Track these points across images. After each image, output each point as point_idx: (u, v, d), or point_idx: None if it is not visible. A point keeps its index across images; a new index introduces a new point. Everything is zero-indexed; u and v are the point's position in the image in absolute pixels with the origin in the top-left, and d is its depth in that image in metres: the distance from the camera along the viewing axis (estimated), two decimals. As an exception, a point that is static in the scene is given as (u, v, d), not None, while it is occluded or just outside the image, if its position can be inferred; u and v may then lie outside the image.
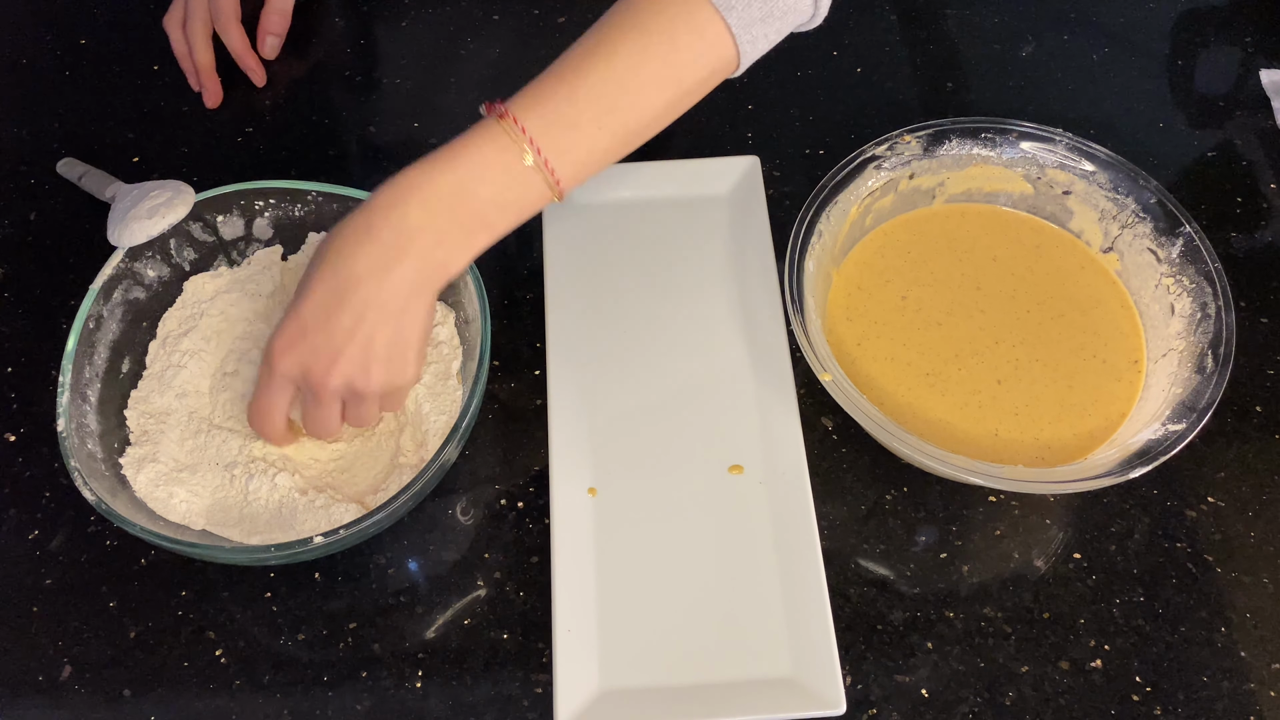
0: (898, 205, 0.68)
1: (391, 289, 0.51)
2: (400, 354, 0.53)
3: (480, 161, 0.52)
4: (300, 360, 0.53)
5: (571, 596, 0.58)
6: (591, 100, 0.53)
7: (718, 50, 0.55)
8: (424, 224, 0.51)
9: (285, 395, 0.55)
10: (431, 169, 0.52)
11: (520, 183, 0.52)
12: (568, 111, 0.52)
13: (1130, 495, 0.62)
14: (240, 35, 0.79)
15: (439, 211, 0.52)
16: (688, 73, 0.54)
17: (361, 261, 0.51)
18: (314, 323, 0.52)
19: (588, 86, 0.53)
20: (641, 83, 0.53)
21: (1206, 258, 0.62)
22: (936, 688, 0.56)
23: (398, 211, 0.51)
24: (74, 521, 0.62)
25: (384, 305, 0.51)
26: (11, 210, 0.75)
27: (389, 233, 0.51)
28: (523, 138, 0.52)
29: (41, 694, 0.57)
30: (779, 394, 0.64)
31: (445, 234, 0.52)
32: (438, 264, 0.52)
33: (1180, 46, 0.82)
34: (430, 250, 0.52)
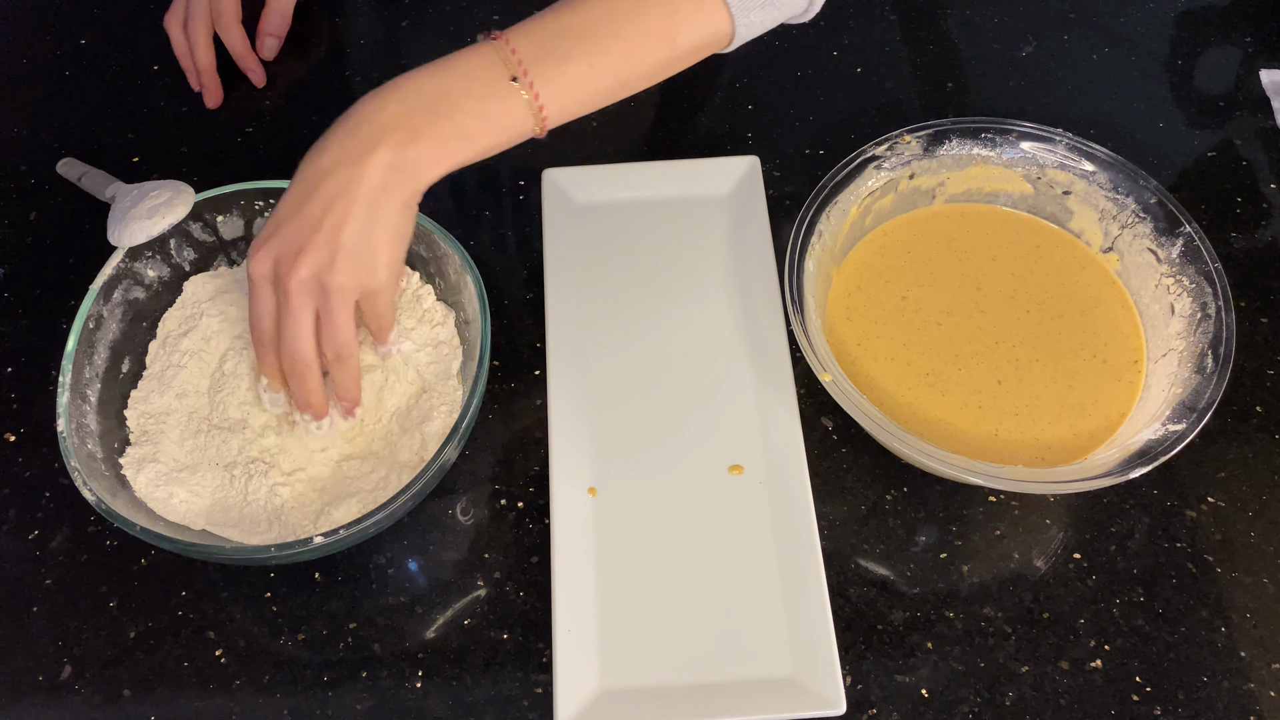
0: (898, 205, 0.68)
1: (361, 180, 0.51)
2: (370, 249, 0.52)
3: (466, 73, 0.53)
4: (270, 254, 0.52)
5: (571, 596, 0.58)
6: (584, 37, 0.54)
7: (714, 22, 0.57)
8: (400, 120, 0.51)
9: (270, 299, 0.54)
10: (418, 74, 0.53)
11: (503, 99, 0.53)
12: (560, 44, 0.54)
13: (1130, 495, 0.62)
14: (241, 36, 0.79)
15: (417, 111, 0.52)
16: (682, 36, 0.56)
17: (335, 151, 0.51)
18: (286, 215, 0.52)
19: (582, 24, 0.54)
20: (636, 34, 0.55)
21: (1206, 258, 0.62)
22: (936, 688, 0.56)
23: (374, 104, 0.52)
24: (74, 521, 0.62)
25: (353, 196, 0.51)
26: (11, 210, 0.75)
27: (365, 125, 0.51)
28: (512, 58, 0.53)
29: (41, 694, 0.57)
30: (779, 394, 0.64)
31: (420, 132, 0.51)
32: (410, 162, 0.52)
33: (1180, 46, 0.82)
34: (403, 146, 0.51)
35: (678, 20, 0.55)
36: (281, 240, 0.52)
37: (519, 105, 0.53)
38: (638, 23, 0.55)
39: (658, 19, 0.55)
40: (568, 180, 0.73)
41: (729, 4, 0.56)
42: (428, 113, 0.52)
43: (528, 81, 0.53)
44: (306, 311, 0.53)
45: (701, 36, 0.57)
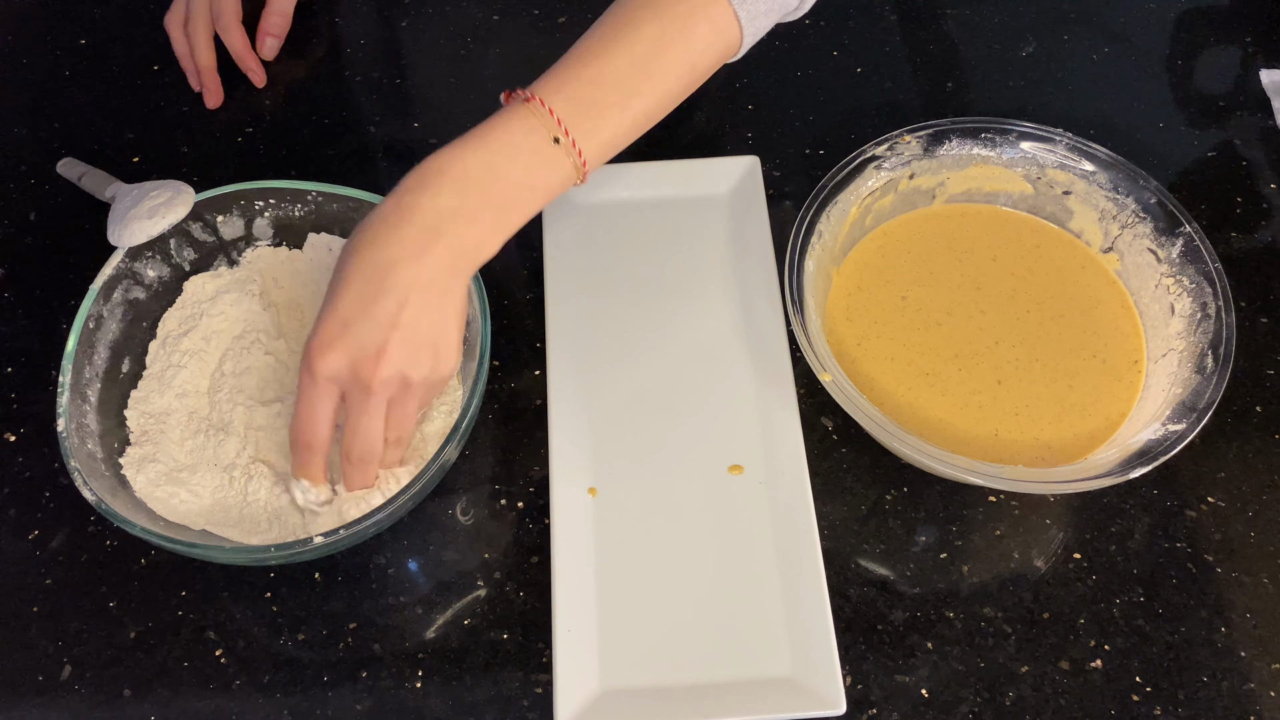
0: (898, 205, 0.68)
1: (430, 271, 0.50)
2: (445, 338, 0.52)
3: (509, 142, 0.53)
4: (345, 355, 0.51)
5: (571, 596, 0.58)
6: (616, 84, 0.54)
7: (726, 38, 0.57)
8: (456, 205, 0.51)
9: (331, 400, 0.52)
10: (461, 150, 0.52)
11: (549, 163, 0.53)
12: (594, 94, 0.54)
13: (1130, 495, 0.62)
14: (241, 36, 0.79)
15: (470, 192, 0.51)
16: (701, 59, 0.57)
17: (395, 246, 0.50)
18: (354, 314, 0.50)
19: (613, 71, 0.54)
20: (662, 70, 0.55)
21: (1206, 258, 0.62)
22: (936, 688, 0.56)
23: (428, 194, 0.51)
24: (74, 521, 0.62)
25: (425, 288, 0.50)
26: (11, 210, 0.75)
27: (421, 215, 0.51)
28: (551, 119, 0.53)
29: (41, 694, 0.57)
30: (779, 394, 0.64)
31: (478, 214, 0.52)
32: (472, 245, 0.52)
33: (1180, 46, 0.82)
34: (463, 231, 0.51)
35: (697, 45, 0.56)
36: (356, 341, 0.50)
37: (564, 163, 0.54)
38: (661, 57, 0.55)
39: (680, 49, 0.56)
40: (568, 180, 0.73)
41: (739, 16, 0.57)
42: (480, 192, 0.52)
43: (569, 141, 0.53)
44: (384, 406, 0.52)
45: (717, 53, 0.58)
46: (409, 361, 0.51)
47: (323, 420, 0.53)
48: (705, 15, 0.56)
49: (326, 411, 0.53)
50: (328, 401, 0.53)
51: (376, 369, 0.51)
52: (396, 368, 0.51)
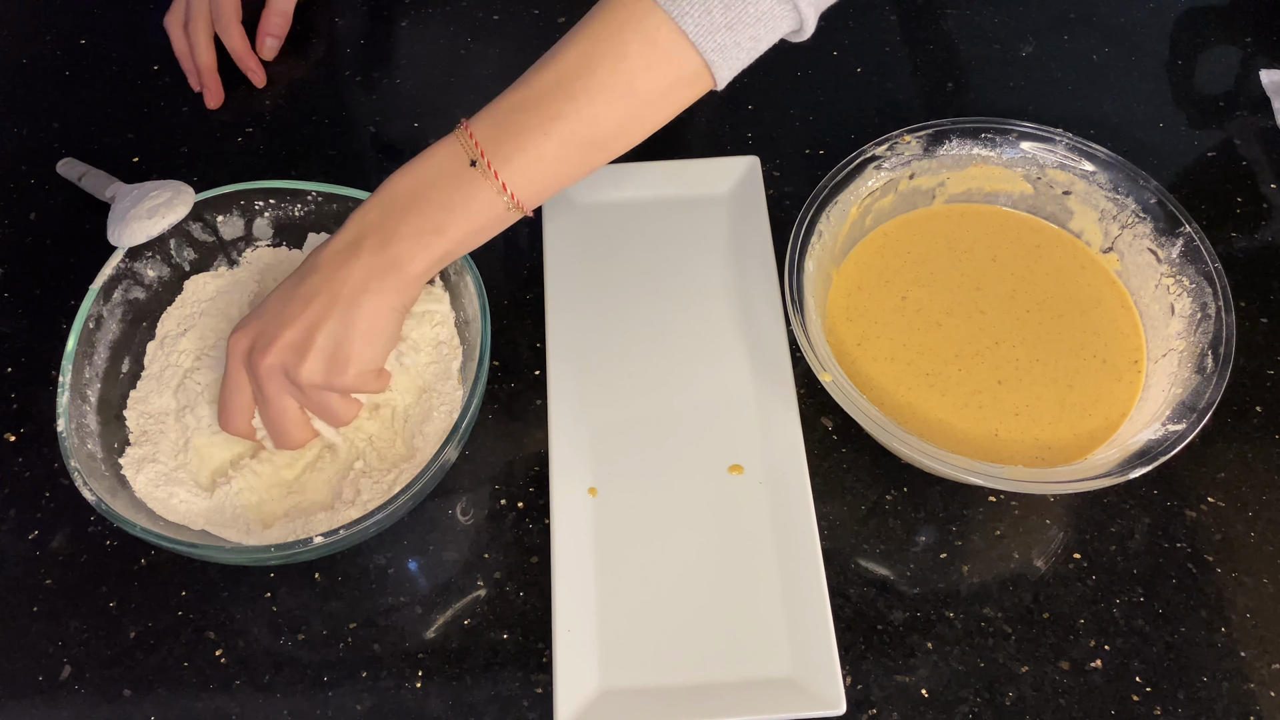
0: (898, 205, 0.68)
1: (341, 280, 0.53)
2: (341, 349, 0.53)
3: (431, 165, 0.54)
4: (245, 339, 0.55)
5: (571, 596, 0.58)
6: (537, 107, 0.52)
7: (676, 59, 0.52)
8: (378, 222, 0.53)
9: (243, 382, 0.56)
10: (399, 173, 0.54)
11: (468, 187, 0.53)
12: (514, 118, 0.52)
13: (1130, 495, 0.62)
14: (241, 36, 0.79)
15: (392, 212, 0.53)
16: (641, 81, 0.52)
17: (324, 255, 0.54)
18: (271, 306, 0.54)
19: (535, 95, 0.52)
20: (589, 90, 0.52)
21: (1206, 258, 0.62)
22: (936, 688, 0.56)
23: (360, 212, 0.54)
24: (74, 521, 0.62)
25: (333, 294, 0.53)
26: (11, 210, 0.75)
27: (350, 230, 0.54)
28: (469, 141, 0.53)
29: (41, 694, 0.57)
30: (779, 394, 0.64)
31: (395, 232, 0.53)
32: (388, 262, 0.53)
33: (1180, 46, 0.82)
34: (380, 247, 0.53)
35: (630, 66, 0.51)
36: (261, 327, 0.54)
37: (485, 190, 0.53)
38: (586, 78, 0.52)
39: (608, 70, 0.52)
40: (568, 180, 0.73)
41: (686, 32, 0.51)
42: (400, 212, 0.53)
43: (485, 163, 0.52)
44: (281, 395, 0.55)
45: (664, 77, 0.52)
46: (293, 360, 0.53)
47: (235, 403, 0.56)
48: (639, 34, 0.51)
49: (239, 396, 0.56)
50: (239, 380, 0.56)
51: (261, 358, 0.54)
52: (279, 360, 0.54)
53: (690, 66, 0.52)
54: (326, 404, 0.56)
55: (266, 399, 0.55)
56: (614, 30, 0.51)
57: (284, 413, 0.56)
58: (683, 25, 0.50)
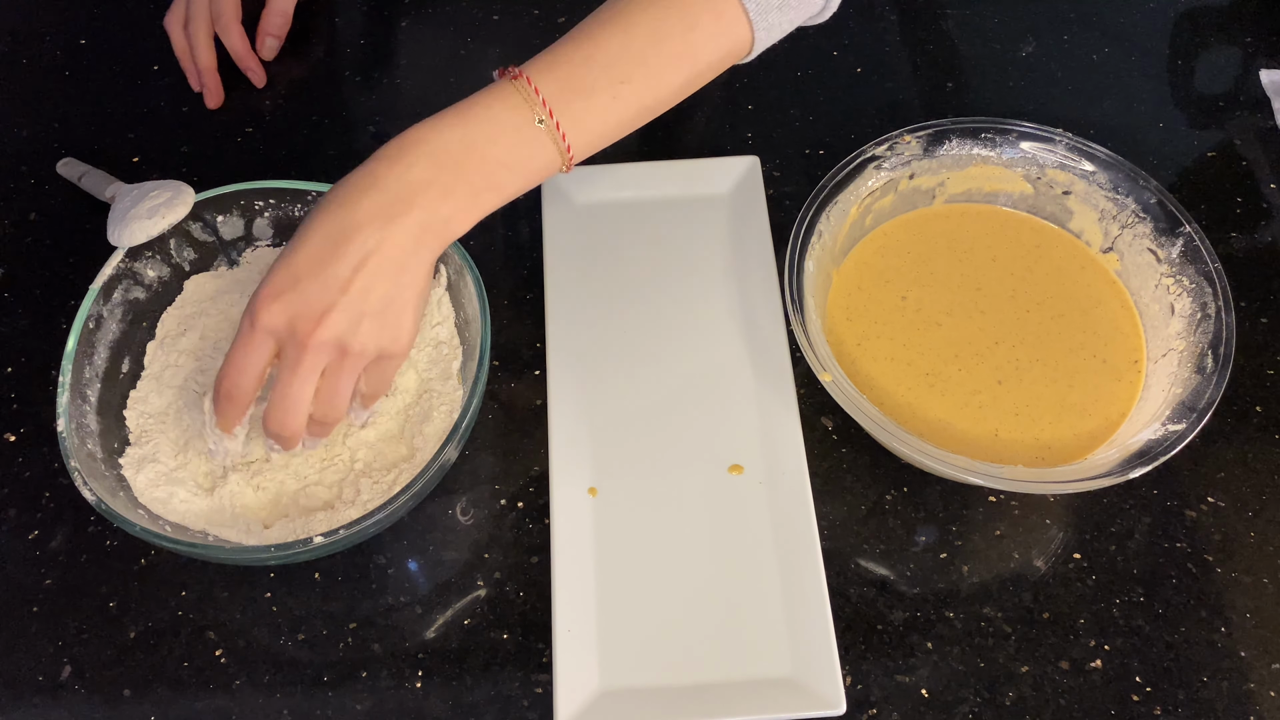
0: (898, 205, 0.68)
1: (393, 240, 0.49)
2: (396, 313, 0.50)
3: (490, 120, 0.51)
4: (288, 309, 0.49)
5: (571, 596, 0.58)
6: (607, 68, 0.52)
7: (734, 33, 0.55)
8: (430, 178, 0.50)
9: (265, 352, 0.51)
10: (440, 124, 0.51)
11: (530, 144, 0.52)
12: (583, 77, 0.52)
13: (1130, 495, 0.62)
14: (241, 36, 0.79)
15: (446, 166, 0.50)
16: (703, 52, 0.54)
17: (364, 210, 0.49)
18: (307, 270, 0.49)
19: (604, 55, 0.52)
20: (659, 57, 0.53)
21: (1206, 258, 0.62)
22: (936, 688, 0.56)
23: (403, 163, 0.50)
24: (74, 521, 0.62)
25: (384, 256, 0.49)
26: (11, 210, 0.75)
27: (394, 183, 0.50)
28: (536, 99, 0.51)
29: (41, 694, 0.57)
30: (779, 394, 0.64)
31: (451, 189, 0.50)
32: (442, 220, 0.50)
33: (1180, 46, 0.82)
34: (435, 205, 0.50)
35: (698, 36, 0.54)
36: (303, 296, 0.49)
37: (547, 146, 0.52)
38: (659, 45, 0.53)
39: (679, 39, 0.53)
40: (568, 180, 0.73)
41: (747, 10, 0.54)
42: (456, 168, 0.50)
43: (554, 123, 0.51)
44: (316, 373, 0.51)
45: (722, 49, 0.55)
46: (350, 328, 0.49)
47: (251, 371, 0.51)
48: (708, 6, 0.54)
49: (257, 364, 0.51)
50: (261, 354, 0.51)
51: (316, 329, 0.49)
52: (336, 332, 0.49)
53: (742, 40, 0.56)
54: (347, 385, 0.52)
55: (300, 376, 0.50)
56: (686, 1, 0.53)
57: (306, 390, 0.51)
58: (745, 3, 0.54)
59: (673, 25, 0.53)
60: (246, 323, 0.50)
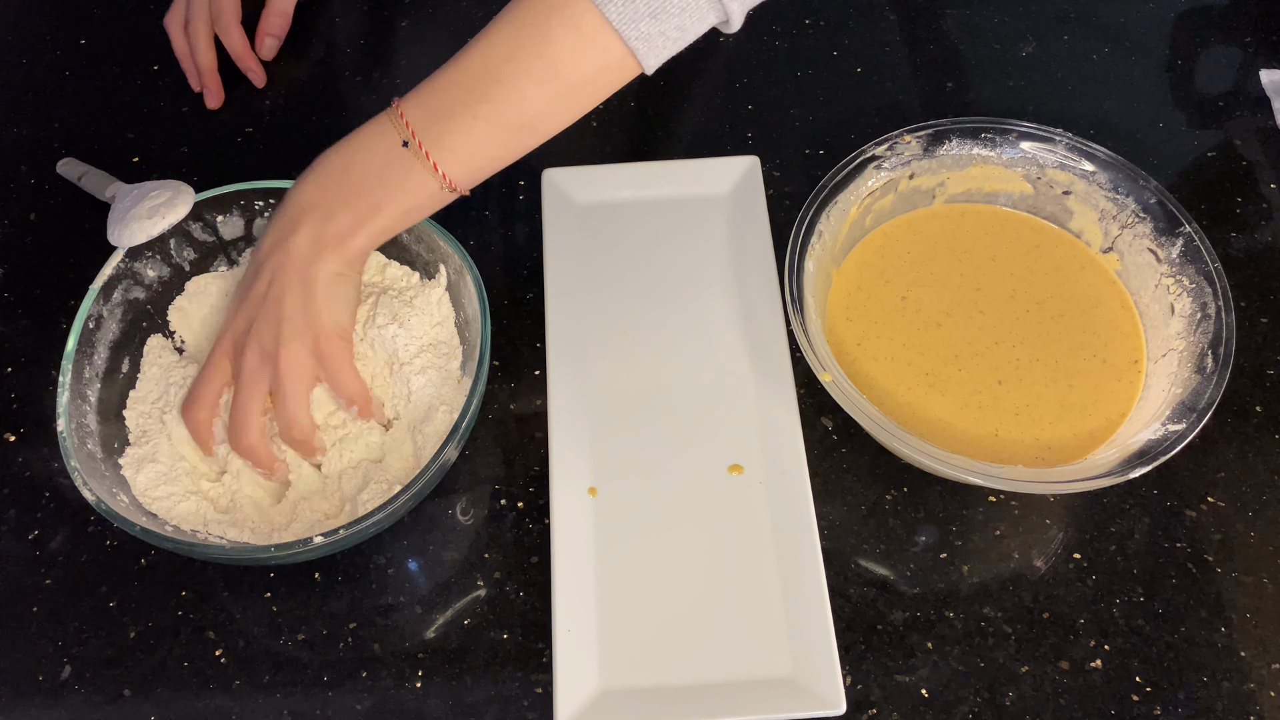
0: (898, 205, 0.68)
1: (290, 254, 0.55)
2: (308, 308, 0.55)
3: (366, 145, 0.55)
4: (230, 333, 0.56)
5: (571, 596, 0.58)
6: (465, 89, 0.54)
7: (600, 45, 0.52)
8: (315, 199, 0.55)
9: (219, 376, 0.57)
10: (327, 153, 0.56)
11: (399, 166, 0.54)
12: (442, 100, 0.54)
13: (1130, 495, 0.62)
14: (241, 36, 0.79)
15: (328, 188, 0.55)
16: (566, 68, 0.53)
17: (270, 235, 0.56)
18: (238, 297, 0.57)
19: (463, 76, 0.54)
20: (516, 73, 0.53)
21: (1206, 258, 0.62)
22: (936, 688, 0.56)
23: (297, 189, 0.56)
24: (74, 521, 0.62)
25: (287, 269, 0.55)
26: (11, 210, 0.75)
27: (289, 205, 0.56)
28: (400, 122, 0.54)
29: (41, 694, 0.57)
30: (779, 394, 0.64)
31: (334, 209, 0.55)
32: (332, 236, 0.55)
33: (1180, 46, 0.82)
34: (322, 223, 0.55)
35: (556, 51, 0.52)
36: (236, 320, 0.56)
37: (419, 170, 0.54)
38: (513, 62, 0.53)
39: (533, 54, 0.53)
40: (568, 180, 0.73)
41: (610, 20, 0.51)
42: (336, 190, 0.55)
43: (416, 144, 0.54)
44: (259, 386, 0.56)
45: (590, 63, 0.53)
46: (271, 335, 0.55)
47: (207, 394, 0.58)
48: (564, 20, 0.52)
49: (213, 387, 0.58)
50: (215, 376, 0.57)
51: (246, 340, 0.56)
52: (260, 341, 0.55)
53: (615, 53, 0.53)
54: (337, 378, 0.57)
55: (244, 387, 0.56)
56: (540, 16, 0.53)
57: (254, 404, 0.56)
58: (605, 13, 0.51)
59: (525, 41, 0.53)
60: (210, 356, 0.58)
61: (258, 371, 0.55)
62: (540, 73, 0.53)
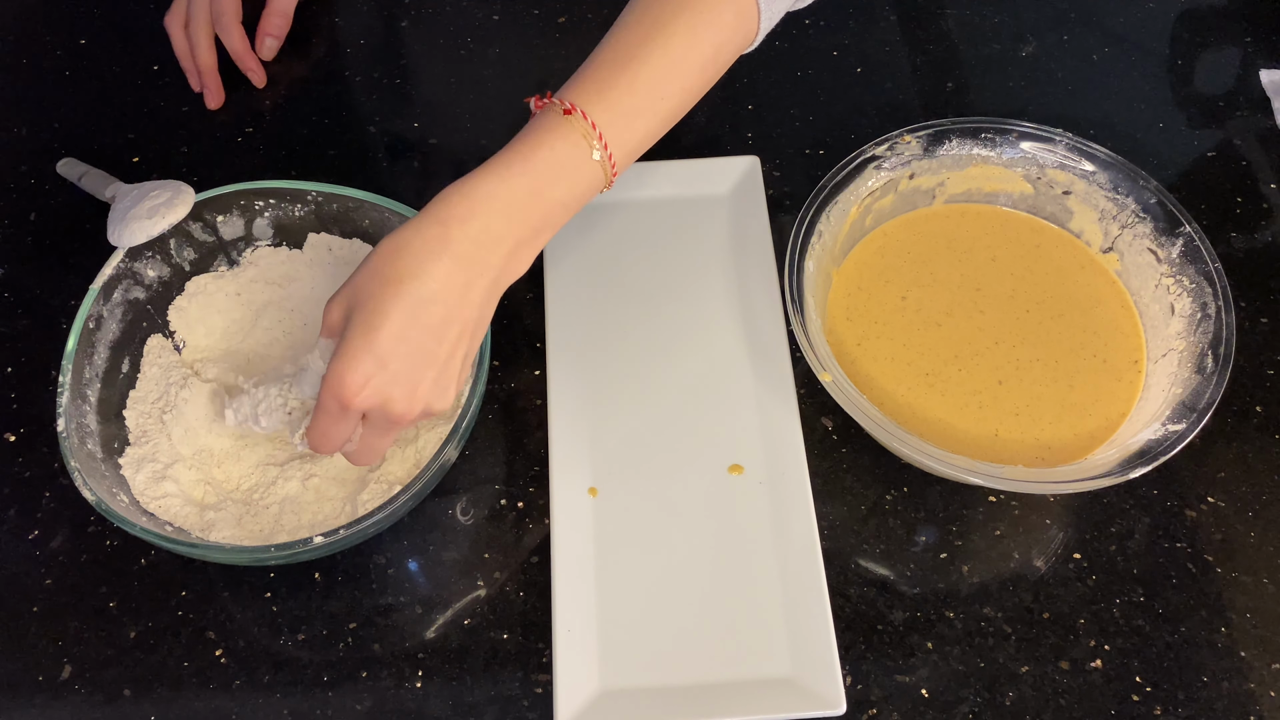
0: (898, 205, 0.68)
1: (472, 305, 0.49)
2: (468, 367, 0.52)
3: (554, 162, 0.51)
4: (380, 392, 0.48)
5: (571, 596, 0.58)
6: (651, 89, 0.52)
7: (747, 28, 0.55)
8: (504, 233, 0.50)
9: (353, 427, 0.51)
10: (506, 174, 0.50)
11: (588, 178, 0.52)
12: (629, 101, 0.52)
13: (1130, 495, 0.62)
14: (241, 37, 0.79)
15: (517, 219, 0.50)
16: (725, 54, 0.55)
17: (439, 278, 0.48)
18: (392, 350, 0.48)
19: (648, 74, 0.52)
20: (693, 67, 0.53)
21: (1206, 258, 0.62)
22: (936, 688, 0.56)
23: (478, 223, 0.49)
24: (74, 521, 0.62)
25: (465, 322, 0.49)
26: (11, 210, 0.75)
27: (469, 246, 0.49)
28: (593, 133, 0.51)
29: (41, 694, 0.57)
30: (779, 394, 0.64)
31: (523, 241, 0.51)
32: (512, 273, 0.51)
33: (1180, 46, 0.82)
34: (508, 260, 0.50)
35: (724, 36, 0.54)
36: (393, 378, 0.48)
37: (599, 176, 0.52)
38: (693, 52, 0.53)
39: (709, 43, 0.53)
40: (568, 180, 0.73)
41: (759, 4, 0.55)
42: (524, 218, 0.50)
43: (607, 153, 0.52)
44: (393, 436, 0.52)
45: (739, 47, 0.56)
46: (438, 397, 0.50)
47: (339, 440, 0.51)
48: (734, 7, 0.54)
49: (345, 434, 0.51)
50: (349, 427, 0.51)
51: (410, 406, 0.49)
52: (425, 405, 0.50)
53: (752, 34, 0.56)
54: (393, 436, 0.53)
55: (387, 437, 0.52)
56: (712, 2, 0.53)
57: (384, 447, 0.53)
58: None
59: (704, 32, 0.53)
60: (334, 403, 0.49)
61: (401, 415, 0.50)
62: (709, 62, 0.54)
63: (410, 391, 0.49)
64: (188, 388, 0.62)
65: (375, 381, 0.48)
